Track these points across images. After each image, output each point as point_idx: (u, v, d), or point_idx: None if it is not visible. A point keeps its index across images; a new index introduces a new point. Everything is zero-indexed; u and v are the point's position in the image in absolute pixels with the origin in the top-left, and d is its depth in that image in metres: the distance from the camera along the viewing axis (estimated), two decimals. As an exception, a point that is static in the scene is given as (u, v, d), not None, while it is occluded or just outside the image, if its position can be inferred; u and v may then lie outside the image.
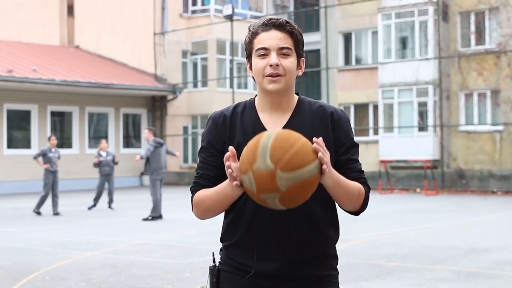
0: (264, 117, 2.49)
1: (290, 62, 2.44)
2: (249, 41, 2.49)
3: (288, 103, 2.49)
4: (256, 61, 2.45)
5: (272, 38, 2.43)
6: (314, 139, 2.23)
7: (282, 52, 2.43)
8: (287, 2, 29.83)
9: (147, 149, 13.77)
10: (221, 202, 2.40)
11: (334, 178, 2.31)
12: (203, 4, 27.89)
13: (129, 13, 27.66)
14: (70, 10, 29.81)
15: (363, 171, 2.56)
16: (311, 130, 2.45)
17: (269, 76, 2.42)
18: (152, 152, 13.74)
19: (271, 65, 2.41)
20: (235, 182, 2.25)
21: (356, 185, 2.45)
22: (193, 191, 2.52)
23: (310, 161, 2.20)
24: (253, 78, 2.51)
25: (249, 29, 2.50)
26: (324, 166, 2.21)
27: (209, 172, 2.50)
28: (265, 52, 2.43)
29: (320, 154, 2.20)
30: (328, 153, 2.25)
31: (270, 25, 2.45)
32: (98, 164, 16.37)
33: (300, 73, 2.51)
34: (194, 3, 28.05)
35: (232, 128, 2.49)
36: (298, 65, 2.49)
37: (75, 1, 29.44)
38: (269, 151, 2.18)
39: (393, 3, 23.20)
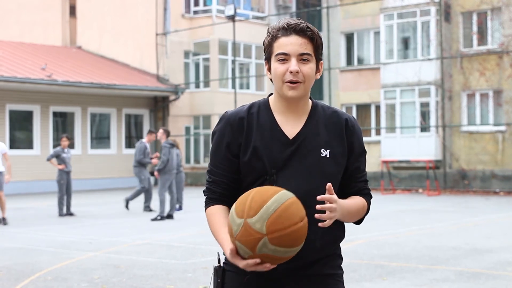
0: (280, 119, 2.49)
1: (309, 68, 2.43)
2: (268, 44, 2.47)
3: (304, 106, 2.50)
4: (276, 66, 2.43)
5: (293, 44, 2.41)
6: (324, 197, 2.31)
7: (302, 58, 2.41)
8: (289, 2, 29.81)
9: (163, 154, 13.86)
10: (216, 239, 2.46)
11: (344, 213, 2.40)
12: (205, 4, 27.90)
13: (131, 14, 27.67)
14: (72, 10, 29.84)
15: (367, 181, 2.62)
16: (326, 134, 2.48)
17: (289, 82, 2.41)
18: (166, 154, 13.83)
19: (291, 72, 2.40)
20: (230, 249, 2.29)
21: (360, 204, 2.52)
22: (206, 202, 2.55)
23: (300, 243, 2.24)
24: (271, 80, 2.50)
25: (269, 31, 2.48)
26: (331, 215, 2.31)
27: (222, 178, 2.50)
28: (285, 57, 2.41)
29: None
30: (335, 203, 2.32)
31: (290, 29, 2.42)
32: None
33: (318, 76, 2.52)
34: (196, 4, 28.06)
35: (249, 130, 2.48)
36: (317, 69, 2.49)
37: (77, 1, 29.46)
38: (269, 217, 2.19)
39: (395, 3, 23.19)
